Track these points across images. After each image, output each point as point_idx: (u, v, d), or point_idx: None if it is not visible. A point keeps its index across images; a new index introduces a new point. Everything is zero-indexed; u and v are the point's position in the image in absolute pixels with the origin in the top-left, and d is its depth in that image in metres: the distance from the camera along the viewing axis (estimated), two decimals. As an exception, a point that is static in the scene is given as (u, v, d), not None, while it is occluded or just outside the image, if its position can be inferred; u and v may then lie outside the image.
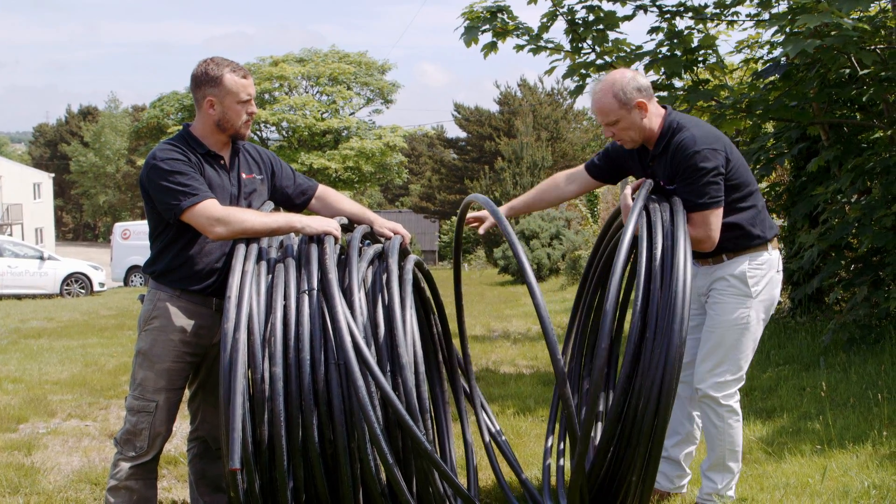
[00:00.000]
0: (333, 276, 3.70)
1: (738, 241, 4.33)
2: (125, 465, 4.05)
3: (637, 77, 4.33)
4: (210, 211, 3.92)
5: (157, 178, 3.96)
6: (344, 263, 3.97)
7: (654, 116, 4.34)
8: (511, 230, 3.88)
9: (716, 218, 4.19)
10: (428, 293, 4.61)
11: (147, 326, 4.10)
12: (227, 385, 3.57)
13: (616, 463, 3.93)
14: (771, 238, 4.45)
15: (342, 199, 4.51)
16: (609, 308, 3.78)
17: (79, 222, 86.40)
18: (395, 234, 4.34)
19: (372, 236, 4.37)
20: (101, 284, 27.16)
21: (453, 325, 4.97)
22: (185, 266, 4.08)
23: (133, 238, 30.63)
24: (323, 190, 4.50)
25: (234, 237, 3.98)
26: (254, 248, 3.95)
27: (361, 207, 4.50)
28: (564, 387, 3.72)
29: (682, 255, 3.88)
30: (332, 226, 4.05)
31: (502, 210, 4.59)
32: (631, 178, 4.72)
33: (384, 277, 3.99)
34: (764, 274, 4.39)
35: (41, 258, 26.30)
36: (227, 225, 3.92)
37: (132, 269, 30.65)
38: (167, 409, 4.10)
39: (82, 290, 26.37)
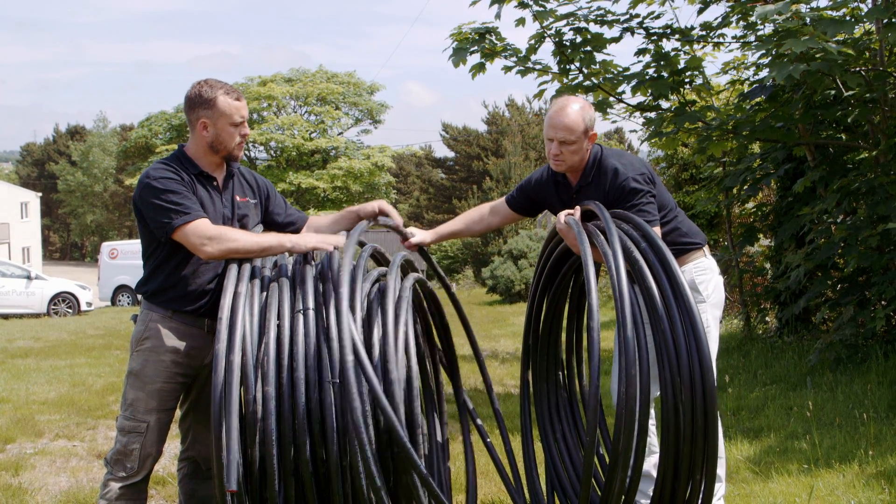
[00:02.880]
0: (345, 289, 3.67)
1: (676, 248, 4.43)
2: (115, 486, 4.04)
3: (592, 108, 4.51)
4: (202, 230, 3.93)
5: (150, 196, 3.97)
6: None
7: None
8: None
9: (658, 233, 4.29)
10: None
11: (139, 347, 4.10)
12: (219, 407, 3.57)
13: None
14: (703, 244, 4.66)
15: (323, 220, 4.59)
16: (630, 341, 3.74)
17: (66, 241, 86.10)
18: (381, 213, 4.46)
19: (380, 256, 4.41)
20: (89, 304, 27.05)
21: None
22: (178, 286, 4.08)
23: (121, 257, 30.54)
24: (309, 221, 4.59)
25: (224, 257, 3.98)
26: (246, 268, 3.94)
27: (342, 213, 4.57)
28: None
29: (668, 255, 3.94)
30: (329, 241, 4.07)
31: (429, 235, 4.71)
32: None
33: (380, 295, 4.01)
34: (710, 278, 4.61)
35: (28, 278, 26.18)
36: (219, 244, 3.93)
37: (120, 289, 30.55)
38: (158, 430, 4.09)
39: (70, 310, 26.26)
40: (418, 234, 4.73)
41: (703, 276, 4.56)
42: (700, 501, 3.85)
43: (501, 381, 9.97)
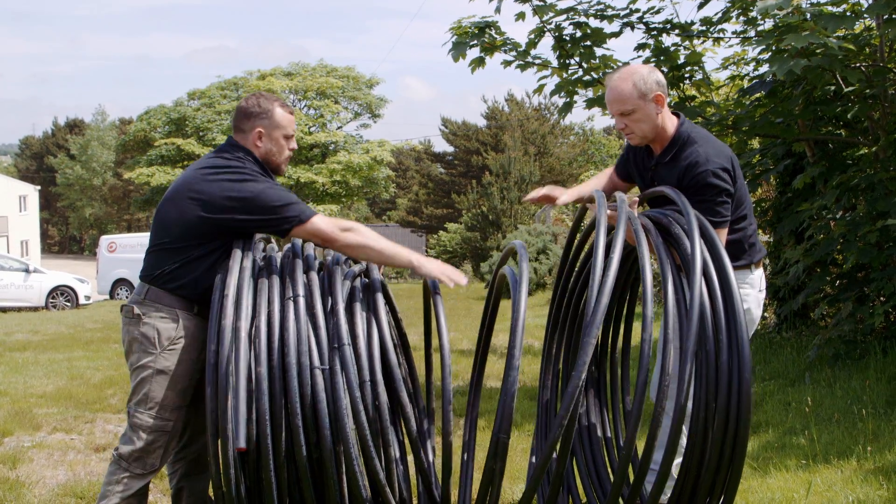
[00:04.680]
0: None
1: (735, 263, 4.17)
2: (133, 483, 4.02)
3: (655, 71, 4.26)
4: (334, 220, 4.12)
5: (263, 194, 4.02)
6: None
7: (668, 118, 4.29)
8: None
9: (724, 237, 4.15)
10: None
11: (172, 346, 4.05)
12: (224, 371, 3.63)
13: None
14: (757, 261, 4.45)
15: None
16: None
17: (65, 235, 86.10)
18: None
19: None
20: (87, 297, 27.07)
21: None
22: (207, 282, 4.05)
23: (119, 251, 30.54)
24: None
25: (358, 250, 4.11)
26: (248, 255, 4.00)
27: None
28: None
29: (729, 270, 3.73)
30: (451, 275, 4.21)
31: (572, 194, 4.58)
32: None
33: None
34: (748, 293, 4.39)
35: (27, 271, 26.19)
36: (357, 235, 4.09)
37: (118, 283, 30.54)
38: (179, 427, 4.13)
39: (68, 303, 26.27)
40: (561, 195, 4.59)
41: (743, 290, 4.23)
42: None
43: (500, 375, 9.94)
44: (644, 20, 8.40)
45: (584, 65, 8.33)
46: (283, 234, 4.08)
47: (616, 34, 8.39)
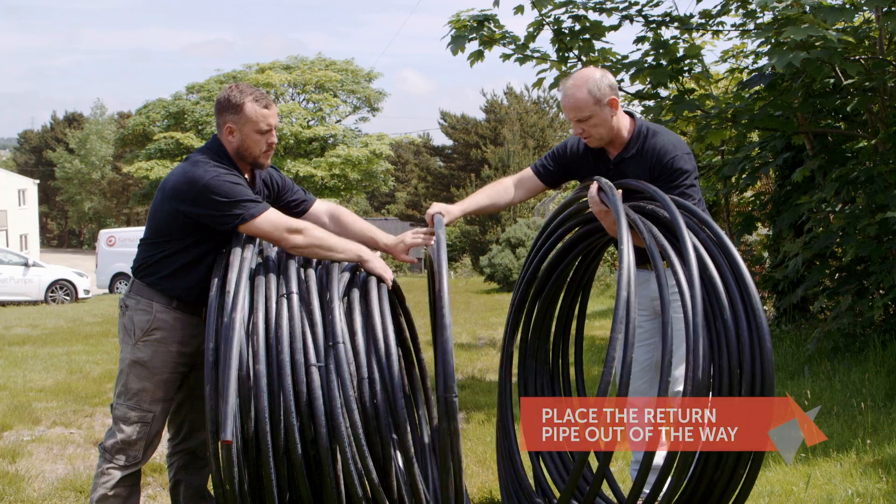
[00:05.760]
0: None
1: None
2: (117, 474, 4.02)
3: (608, 75, 4.32)
4: (285, 221, 4.01)
5: (213, 191, 3.92)
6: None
7: (622, 118, 4.35)
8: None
9: None
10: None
11: (147, 337, 4.05)
12: (216, 377, 3.65)
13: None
14: None
15: (355, 221, 4.49)
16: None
17: (64, 229, 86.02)
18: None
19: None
20: (86, 291, 27.02)
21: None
22: (190, 276, 4.07)
23: (118, 245, 30.44)
24: (336, 210, 4.49)
25: (309, 249, 4.02)
26: (244, 252, 3.98)
27: (368, 227, 4.48)
28: None
29: (728, 242, 3.88)
30: (388, 275, 4.13)
31: (455, 210, 4.53)
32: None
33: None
34: None
35: (26, 265, 26.15)
36: (306, 236, 3.99)
37: (117, 277, 30.46)
38: (162, 419, 4.12)
39: (67, 297, 26.24)
40: (447, 212, 4.46)
41: None
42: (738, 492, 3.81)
43: (497, 369, 9.95)
44: (643, 13, 8.39)
45: (583, 58, 8.32)
46: (231, 230, 3.99)
47: (615, 27, 8.38)
